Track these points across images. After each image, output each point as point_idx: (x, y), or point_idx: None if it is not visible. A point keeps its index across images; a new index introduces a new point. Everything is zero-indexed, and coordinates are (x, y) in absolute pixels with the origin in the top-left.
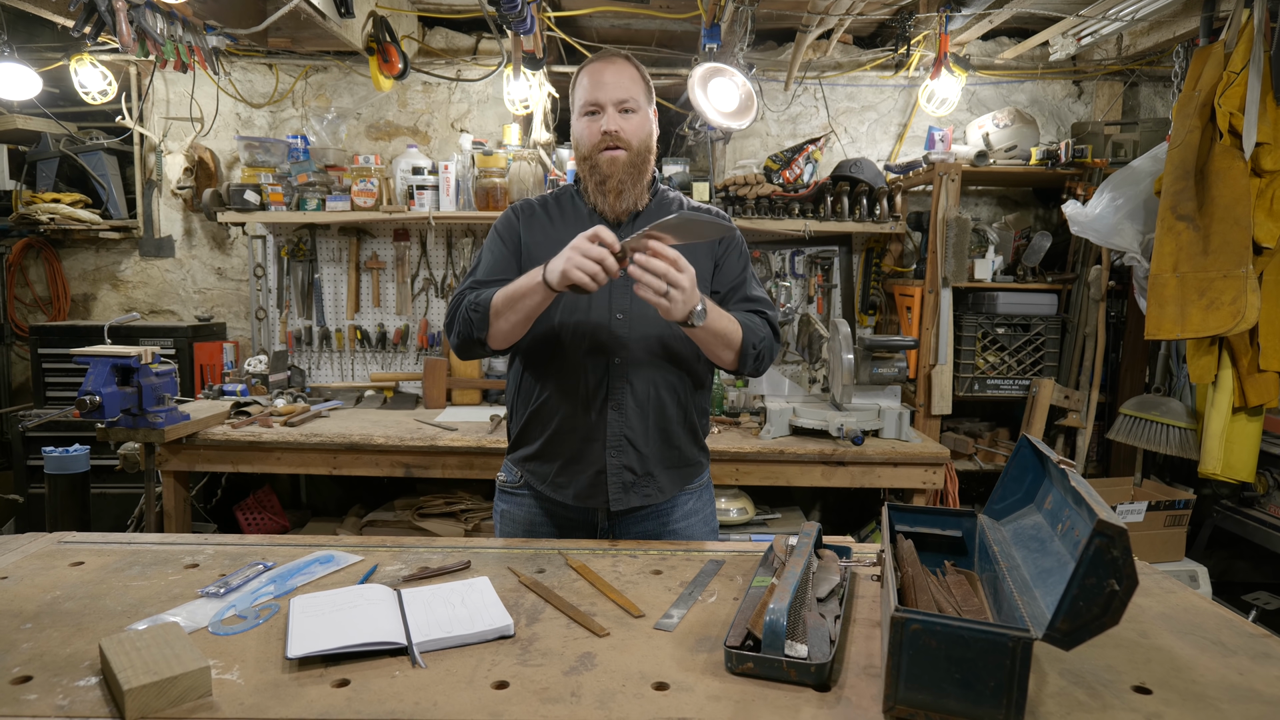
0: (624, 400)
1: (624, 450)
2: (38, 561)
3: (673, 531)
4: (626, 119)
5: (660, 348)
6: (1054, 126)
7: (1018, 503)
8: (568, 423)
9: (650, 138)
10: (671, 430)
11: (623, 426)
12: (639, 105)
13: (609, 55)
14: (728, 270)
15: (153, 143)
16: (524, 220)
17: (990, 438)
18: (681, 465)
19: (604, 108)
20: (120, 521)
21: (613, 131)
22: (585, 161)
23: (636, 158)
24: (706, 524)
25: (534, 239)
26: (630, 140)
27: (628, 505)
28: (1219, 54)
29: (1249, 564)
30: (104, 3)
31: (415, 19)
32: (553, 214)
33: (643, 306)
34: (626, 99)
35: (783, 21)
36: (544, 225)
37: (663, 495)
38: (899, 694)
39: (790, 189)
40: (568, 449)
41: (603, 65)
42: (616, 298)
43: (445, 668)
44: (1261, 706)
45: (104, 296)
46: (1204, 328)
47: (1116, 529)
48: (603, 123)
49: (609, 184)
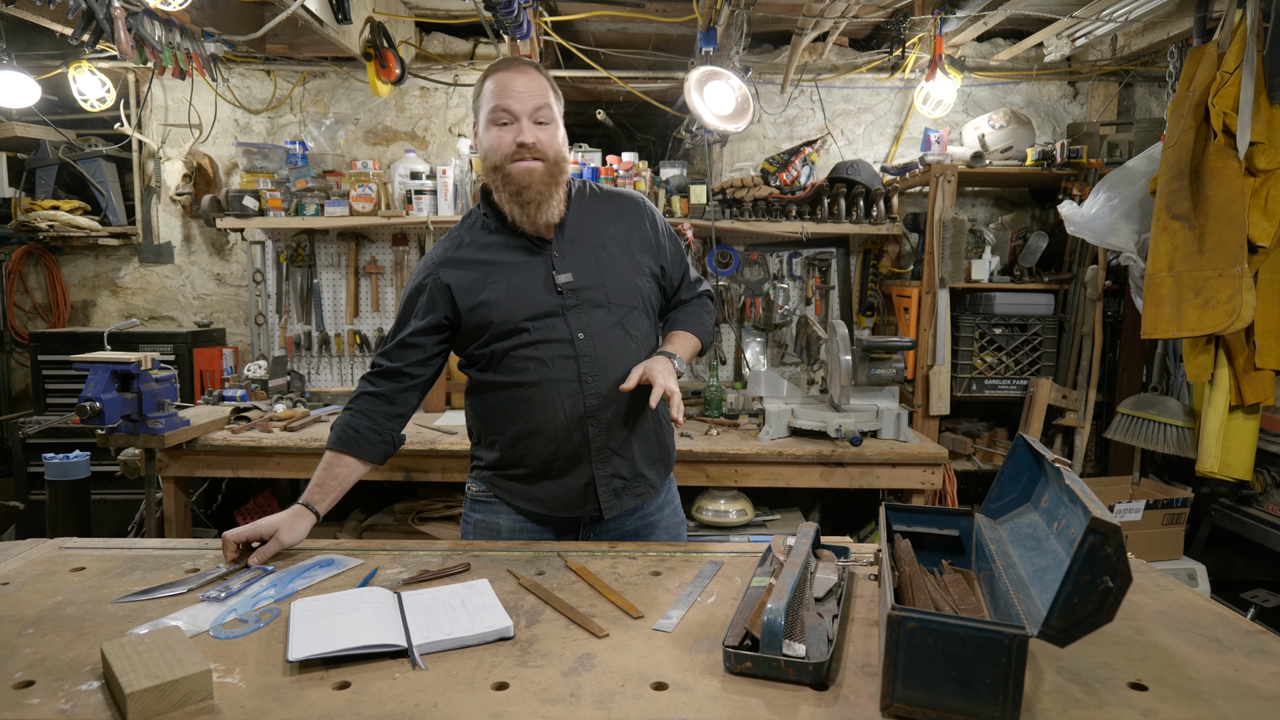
0: (602, 414)
1: (610, 460)
2: (39, 567)
3: (649, 524)
4: (543, 130)
5: (625, 355)
6: (1049, 127)
7: (1014, 502)
8: (548, 447)
9: (565, 148)
10: (649, 429)
11: (606, 439)
12: (552, 116)
13: (518, 63)
14: (674, 257)
15: (151, 149)
16: (447, 270)
17: (988, 438)
18: (664, 457)
19: (518, 117)
20: (121, 528)
21: (530, 143)
22: (496, 172)
23: (554, 168)
24: (675, 514)
25: (464, 286)
26: (547, 151)
27: (621, 509)
28: (1213, 54)
29: (1247, 562)
30: (102, 10)
31: (412, 24)
32: (475, 253)
33: (600, 320)
34: (541, 107)
35: (778, 25)
36: (468, 268)
37: (654, 490)
38: (896, 692)
39: (787, 191)
40: (553, 469)
41: (513, 73)
42: (573, 318)
43: (445, 669)
44: (1257, 702)
45: (103, 303)
46: (1200, 326)
47: (1110, 526)
48: (515, 133)
49: (526, 194)
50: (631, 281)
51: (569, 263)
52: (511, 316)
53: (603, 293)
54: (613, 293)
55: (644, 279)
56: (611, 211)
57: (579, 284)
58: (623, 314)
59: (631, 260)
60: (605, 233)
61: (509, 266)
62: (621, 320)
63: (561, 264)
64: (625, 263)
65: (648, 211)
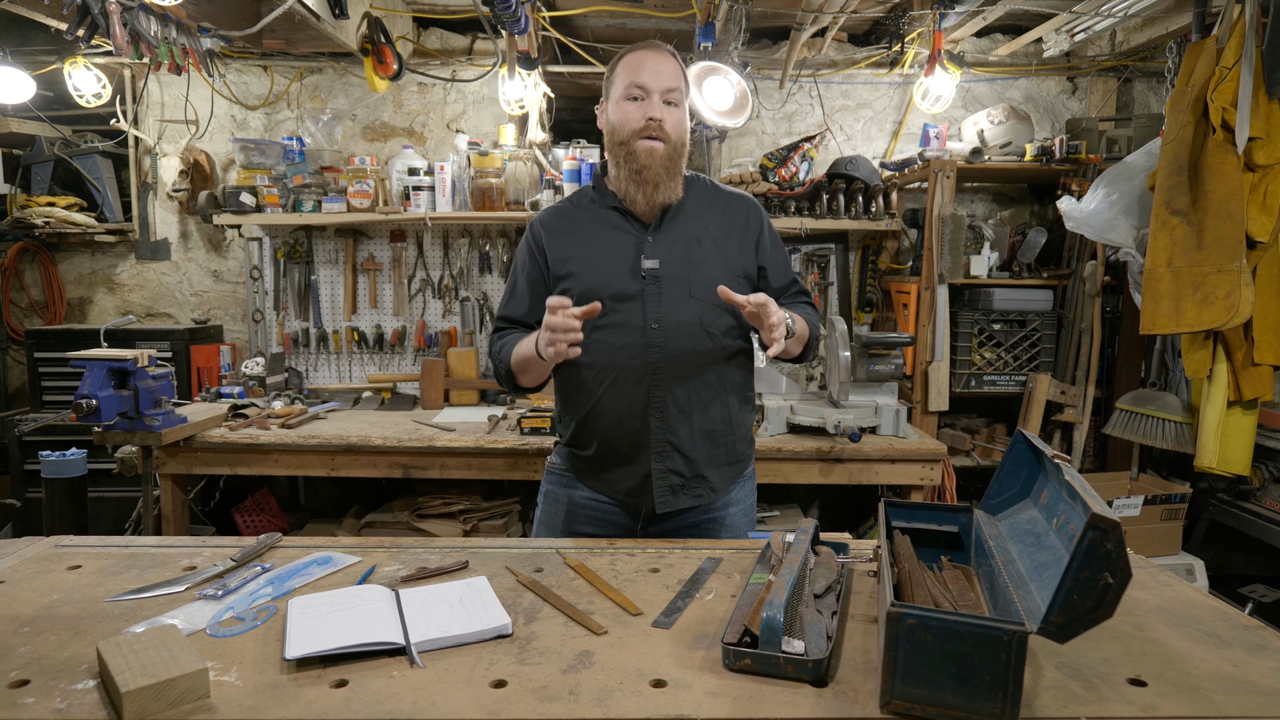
0: (666, 407)
1: (669, 455)
2: (35, 565)
3: (714, 520)
4: (670, 111)
5: (699, 352)
6: (1049, 123)
7: (1014, 498)
8: (614, 431)
9: (687, 134)
10: (717, 431)
11: (666, 433)
12: (681, 100)
13: (654, 45)
14: (775, 261)
15: (148, 145)
16: (547, 236)
17: (987, 434)
18: (732, 462)
19: (650, 94)
20: (118, 525)
21: (658, 119)
22: (622, 148)
23: (674, 152)
24: (747, 514)
25: (558, 251)
26: (671, 133)
27: (675, 507)
28: (1211, 49)
29: (1245, 557)
30: (97, 5)
31: (410, 20)
32: (575, 220)
33: (677, 312)
34: (673, 89)
35: (777, 20)
36: (567, 234)
37: (715, 494)
38: (896, 688)
39: (786, 187)
40: (617, 454)
41: (650, 53)
42: (650, 306)
43: (443, 667)
44: (1256, 698)
45: (100, 300)
46: (1198, 322)
47: (1110, 522)
48: (649, 108)
49: (645, 174)
50: (721, 280)
51: (660, 250)
52: (593, 290)
53: (686, 285)
54: (697, 287)
55: (736, 279)
56: (718, 207)
57: (664, 272)
58: (704, 310)
59: (725, 258)
60: (704, 227)
61: (602, 241)
62: (701, 316)
63: (651, 249)
64: (718, 259)
65: (755, 213)
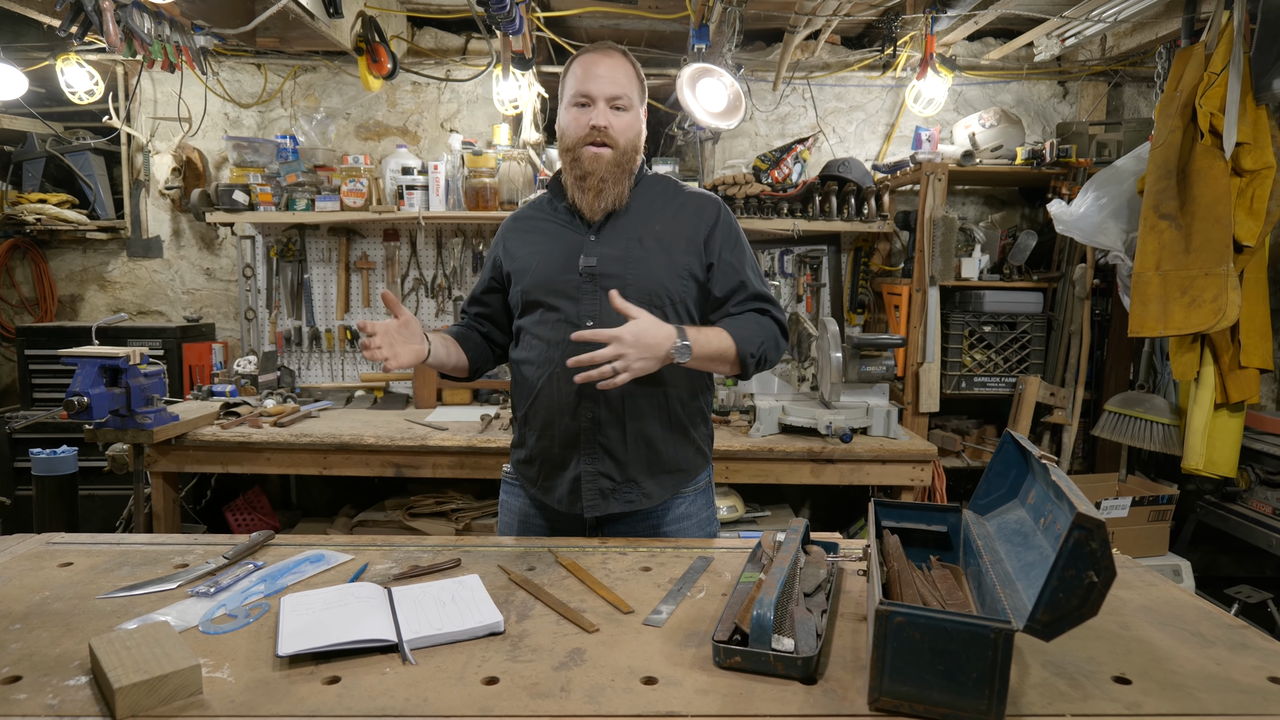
0: (598, 409)
1: (599, 458)
2: (26, 562)
3: (664, 535)
4: (617, 116)
5: None
6: (1039, 126)
7: (1002, 498)
8: (549, 430)
9: (639, 138)
10: (654, 435)
11: (597, 434)
12: (631, 103)
13: (605, 47)
14: (723, 266)
15: (140, 143)
16: (509, 230)
17: (977, 435)
18: (673, 470)
19: (595, 101)
20: (109, 523)
21: (601, 127)
22: (568, 154)
23: (622, 157)
24: (702, 529)
25: (512, 249)
26: (618, 139)
27: (606, 511)
28: (1200, 55)
29: (1232, 558)
30: (90, 2)
31: (404, 19)
32: (532, 218)
33: (614, 314)
34: (620, 95)
35: (770, 22)
36: (523, 232)
37: (650, 501)
38: (884, 686)
39: (779, 188)
40: (551, 455)
41: (598, 56)
42: (585, 304)
43: (435, 664)
44: (1238, 695)
45: (91, 297)
46: (1186, 325)
47: (1095, 522)
48: (591, 116)
49: (588, 181)
50: (660, 279)
51: (600, 248)
52: (535, 287)
53: (622, 284)
54: (634, 287)
55: (678, 279)
56: (672, 207)
57: (600, 270)
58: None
59: (668, 257)
60: (650, 227)
61: (549, 240)
62: None
63: (592, 248)
64: (660, 259)
65: (710, 212)
